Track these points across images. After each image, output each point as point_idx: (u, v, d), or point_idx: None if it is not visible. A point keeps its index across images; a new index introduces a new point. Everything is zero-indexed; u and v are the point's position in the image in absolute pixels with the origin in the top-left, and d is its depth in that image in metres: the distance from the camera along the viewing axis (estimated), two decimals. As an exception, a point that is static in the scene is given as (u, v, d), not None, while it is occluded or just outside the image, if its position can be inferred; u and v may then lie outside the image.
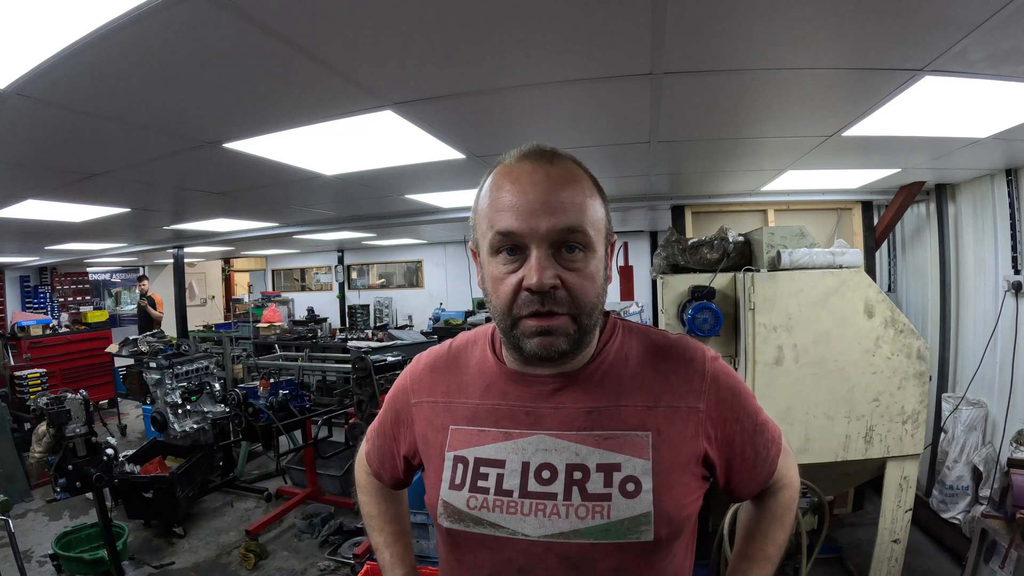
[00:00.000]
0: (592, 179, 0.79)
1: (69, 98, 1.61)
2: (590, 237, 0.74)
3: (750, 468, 0.87)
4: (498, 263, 0.75)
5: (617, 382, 0.80)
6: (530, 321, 0.74)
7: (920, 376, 2.49)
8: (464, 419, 0.84)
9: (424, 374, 0.93)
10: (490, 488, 0.79)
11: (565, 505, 0.75)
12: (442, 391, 0.89)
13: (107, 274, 10.69)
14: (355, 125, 2.00)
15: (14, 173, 2.50)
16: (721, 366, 0.85)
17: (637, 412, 0.78)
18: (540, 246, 0.71)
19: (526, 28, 1.32)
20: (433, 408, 0.89)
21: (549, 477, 0.77)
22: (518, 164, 0.75)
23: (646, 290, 7.18)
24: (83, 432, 3.41)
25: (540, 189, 0.72)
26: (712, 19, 1.30)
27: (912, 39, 1.39)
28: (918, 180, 3.37)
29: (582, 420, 0.78)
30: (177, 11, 1.14)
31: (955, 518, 3.18)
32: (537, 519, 0.76)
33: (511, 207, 0.72)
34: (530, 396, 0.81)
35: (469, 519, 0.79)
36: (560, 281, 0.72)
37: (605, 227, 0.79)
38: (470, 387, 0.86)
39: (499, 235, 0.73)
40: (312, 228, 5.25)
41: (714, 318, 2.64)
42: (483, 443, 0.81)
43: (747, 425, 0.85)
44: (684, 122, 2.19)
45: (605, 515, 0.74)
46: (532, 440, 0.79)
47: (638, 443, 0.77)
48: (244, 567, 3.31)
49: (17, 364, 6.08)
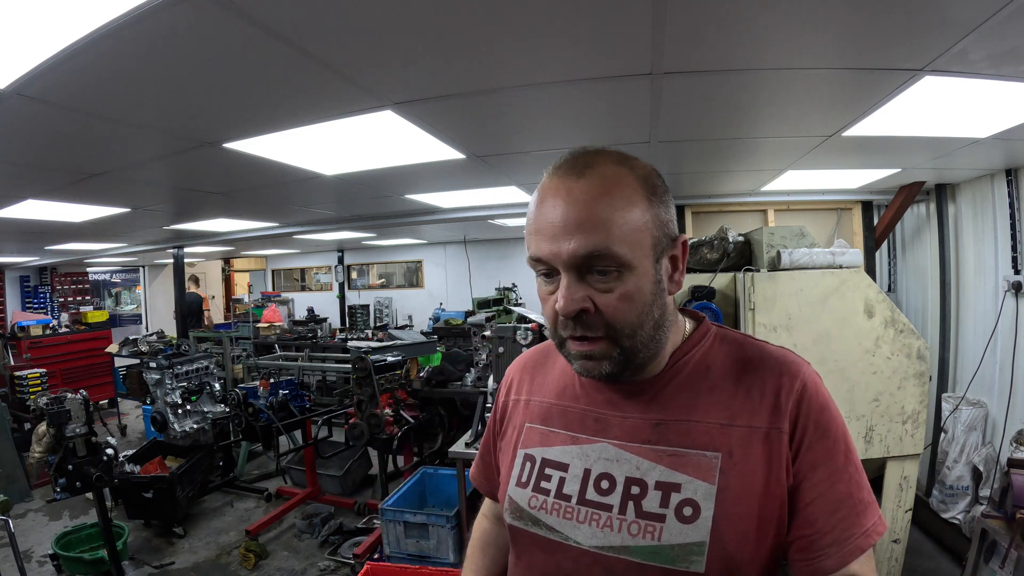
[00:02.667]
0: (641, 179, 0.71)
1: (69, 98, 1.61)
2: (622, 256, 0.67)
3: (826, 512, 0.69)
4: (541, 283, 0.74)
5: (692, 395, 0.75)
6: (573, 344, 0.72)
7: (920, 376, 2.49)
8: (539, 418, 0.84)
9: (516, 372, 0.94)
10: (551, 490, 0.77)
11: (619, 519, 0.72)
12: (527, 389, 0.89)
13: (107, 274, 10.69)
14: (355, 125, 2.00)
15: (14, 173, 2.50)
16: (816, 384, 0.75)
17: (709, 430, 0.72)
18: (567, 271, 0.69)
19: (526, 28, 1.33)
20: (517, 405, 0.89)
21: (607, 488, 0.74)
22: (549, 180, 0.72)
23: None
24: (83, 432, 3.40)
25: (562, 210, 0.68)
26: (712, 19, 1.30)
27: (912, 39, 1.39)
28: (918, 180, 3.37)
29: (648, 432, 0.74)
30: (177, 11, 1.14)
31: (955, 518, 3.18)
32: (591, 528, 0.73)
33: (537, 231, 0.70)
34: (601, 402, 0.79)
35: (528, 518, 0.78)
36: (593, 304, 0.69)
37: (652, 236, 0.70)
38: (550, 387, 0.86)
39: (532, 260, 0.72)
40: (312, 228, 5.25)
41: (714, 318, 2.64)
42: (551, 444, 0.80)
43: (831, 451, 0.71)
44: (684, 122, 2.19)
45: (656, 536, 0.70)
46: (596, 448, 0.77)
47: (704, 464, 0.71)
48: (244, 567, 3.31)
49: (17, 364, 6.08)
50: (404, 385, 3.99)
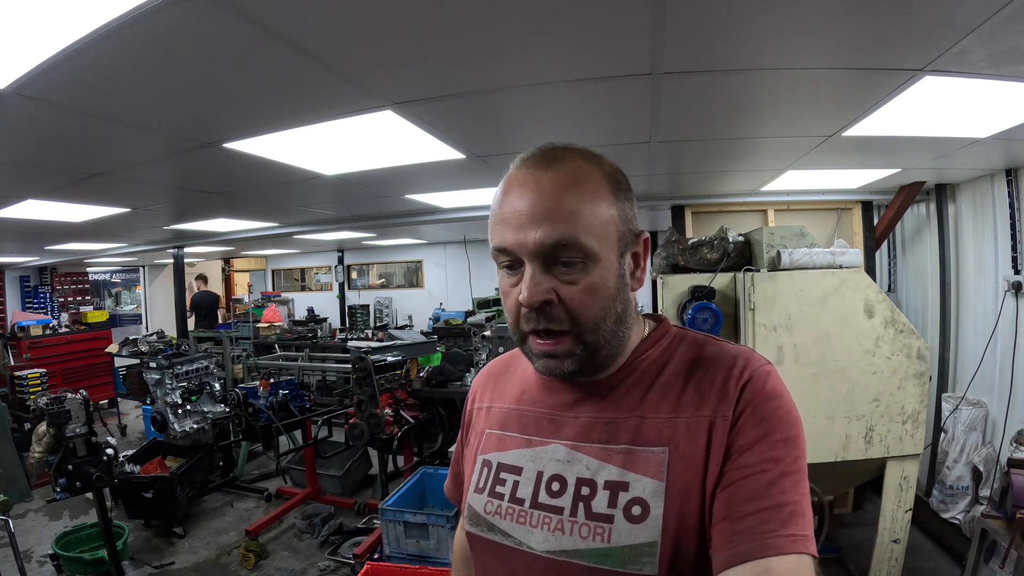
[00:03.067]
0: (607, 175, 0.71)
1: (69, 98, 1.61)
2: (588, 248, 0.67)
3: (746, 497, 0.63)
4: (503, 276, 0.72)
5: (644, 392, 0.73)
6: (535, 340, 0.71)
7: (920, 376, 2.49)
8: (497, 423, 0.83)
9: (481, 381, 0.93)
10: (506, 494, 0.76)
11: (571, 521, 0.70)
12: (489, 396, 0.89)
13: (107, 274, 10.69)
14: (355, 125, 2.00)
15: (14, 173, 2.50)
16: (767, 374, 0.71)
17: (657, 425, 0.70)
18: (531, 261, 0.67)
19: (526, 28, 1.33)
20: (479, 413, 0.89)
21: (558, 489, 0.72)
22: (516, 172, 0.72)
23: (646, 290, 7.15)
24: (83, 432, 3.40)
25: (528, 200, 0.67)
26: (712, 19, 1.30)
27: (912, 39, 1.39)
28: (918, 180, 3.37)
29: (599, 431, 0.73)
30: (177, 11, 1.14)
31: (955, 518, 3.18)
32: (543, 532, 0.71)
33: (502, 221, 0.69)
34: (556, 404, 0.78)
35: (484, 524, 0.77)
36: (557, 296, 0.68)
37: (617, 230, 0.70)
38: (510, 392, 0.85)
39: (496, 251, 0.71)
40: (312, 228, 5.25)
41: (714, 318, 2.64)
42: (507, 448, 0.79)
43: (769, 441, 0.66)
44: (684, 122, 2.19)
45: (606, 538, 0.67)
46: (548, 449, 0.75)
47: (653, 460, 0.69)
48: (244, 567, 3.31)
49: (17, 364, 6.08)
50: (404, 385, 3.99)
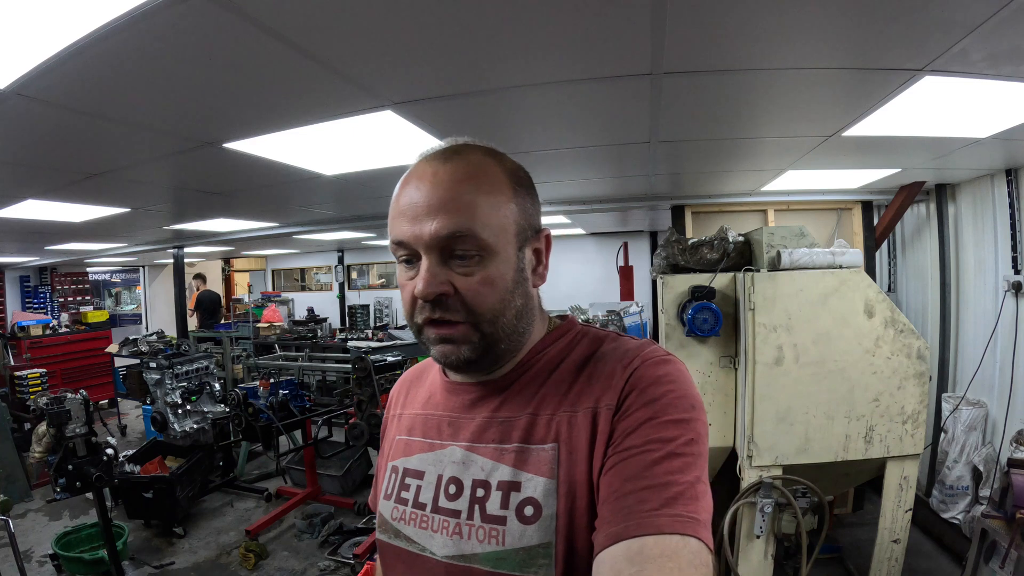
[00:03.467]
0: (509, 171, 0.71)
1: (69, 98, 1.61)
2: (483, 240, 0.66)
3: (627, 476, 0.60)
4: (401, 270, 0.71)
5: (537, 389, 0.72)
6: (430, 329, 0.69)
7: (920, 376, 2.49)
8: (405, 429, 0.82)
9: (397, 388, 0.92)
10: (410, 500, 0.75)
11: (468, 525, 0.68)
12: (402, 403, 0.88)
13: (107, 274, 10.69)
14: (355, 125, 2.00)
15: (14, 173, 2.50)
16: (662, 361, 0.68)
17: (548, 421, 0.69)
18: (428, 253, 0.66)
19: (526, 28, 1.33)
20: (393, 421, 0.88)
21: (455, 492, 0.71)
22: (415, 166, 0.72)
23: (646, 290, 7.17)
24: (83, 432, 3.40)
25: (426, 192, 0.67)
26: (712, 19, 1.30)
27: (912, 39, 1.39)
28: (918, 180, 3.37)
29: (493, 431, 0.71)
30: (177, 11, 1.14)
31: (955, 518, 3.18)
32: (443, 537, 0.70)
33: (400, 214, 0.69)
34: (455, 406, 0.77)
35: (391, 530, 0.76)
36: (453, 288, 0.66)
37: (516, 223, 0.70)
38: (419, 398, 0.84)
39: (393, 244, 0.70)
40: (312, 228, 5.25)
41: (714, 318, 2.64)
42: (412, 453, 0.78)
43: (657, 422, 0.62)
44: (684, 122, 2.19)
45: (500, 541, 0.66)
46: (447, 452, 0.74)
47: (543, 458, 0.67)
48: (244, 567, 3.31)
49: (17, 364, 6.08)
50: (404, 385, 3.98)
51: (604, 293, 7.07)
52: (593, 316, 4.94)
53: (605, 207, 4.35)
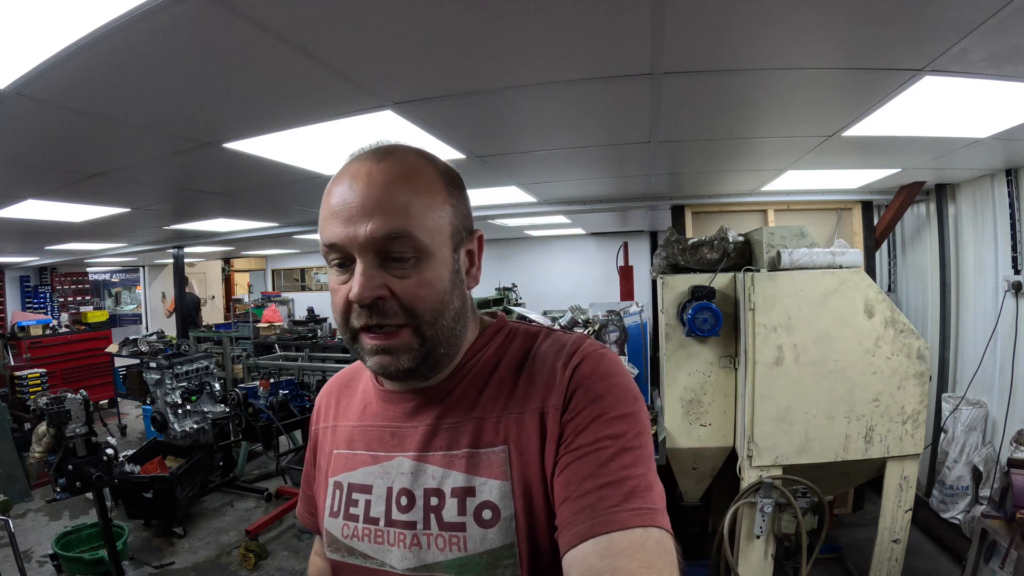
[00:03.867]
0: (441, 172, 0.70)
1: (69, 98, 1.61)
2: (419, 242, 0.64)
3: (583, 475, 0.61)
4: (334, 275, 0.68)
5: (478, 391, 0.71)
6: (367, 337, 0.67)
7: (920, 376, 2.49)
8: (344, 442, 0.80)
9: (323, 399, 0.89)
10: (360, 515, 0.73)
11: (425, 535, 0.67)
12: (334, 414, 0.84)
13: (107, 274, 10.69)
14: (355, 125, 2.00)
15: (14, 173, 2.50)
16: (600, 356, 0.69)
17: (494, 424, 0.68)
18: (363, 255, 0.64)
19: (526, 28, 1.32)
20: (326, 433, 0.84)
21: (407, 504, 0.70)
22: (347, 165, 0.70)
23: (646, 290, 7.17)
24: (83, 432, 3.41)
25: (359, 192, 0.65)
26: (712, 19, 1.30)
27: (912, 39, 1.39)
28: (918, 180, 3.37)
29: (439, 438, 0.70)
30: (177, 11, 1.14)
31: (955, 518, 3.18)
32: (400, 550, 0.69)
33: (332, 215, 0.67)
34: (394, 415, 0.75)
35: (344, 548, 0.74)
36: (390, 291, 0.64)
37: (451, 224, 0.69)
38: (353, 409, 0.82)
39: (325, 247, 0.68)
40: (312, 228, 5.25)
41: (714, 318, 2.64)
42: (355, 467, 0.76)
43: (604, 418, 0.64)
44: (684, 122, 2.19)
45: (462, 547, 0.65)
46: (394, 463, 0.72)
47: (495, 461, 0.67)
48: (244, 567, 3.31)
49: (17, 364, 6.08)
50: (404, 385, 3.98)
51: (604, 293, 7.07)
52: (593, 316, 4.94)
53: (605, 207, 4.35)
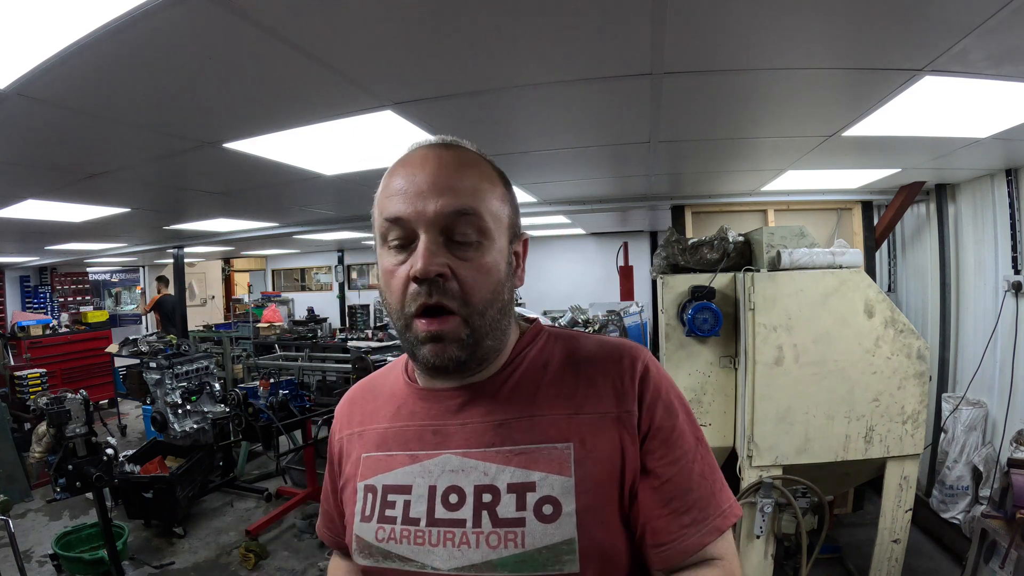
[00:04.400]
0: (497, 172, 0.73)
1: (69, 98, 1.61)
2: (486, 223, 0.66)
3: (681, 491, 0.69)
4: (389, 255, 0.68)
5: (532, 390, 0.72)
6: (421, 323, 0.67)
7: (920, 376, 2.49)
8: (374, 445, 0.78)
9: (344, 408, 0.88)
10: (397, 517, 0.71)
11: (475, 533, 0.66)
12: (358, 420, 0.83)
13: (107, 274, 10.69)
14: (355, 125, 2.00)
15: (14, 173, 2.50)
16: (653, 362, 0.74)
17: (555, 422, 0.69)
18: (429, 231, 0.64)
19: (526, 28, 1.33)
20: (352, 440, 0.83)
21: (456, 501, 0.68)
22: (412, 152, 0.71)
23: (646, 290, 7.18)
24: (83, 432, 3.41)
25: (430, 171, 0.66)
26: (712, 19, 1.30)
27: (912, 39, 1.39)
28: (918, 180, 3.37)
29: (491, 435, 0.70)
30: (177, 11, 1.14)
31: (955, 518, 3.18)
32: (446, 550, 0.67)
33: (399, 191, 0.66)
34: (437, 413, 0.74)
35: (379, 553, 0.71)
36: (451, 271, 0.65)
37: (508, 218, 0.71)
38: (381, 412, 0.80)
39: (386, 222, 0.67)
40: (312, 228, 5.25)
41: (714, 318, 2.64)
42: (390, 468, 0.74)
43: (682, 432, 0.71)
44: (684, 122, 2.19)
45: (520, 543, 0.65)
46: (438, 461, 0.71)
47: (557, 457, 0.67)
48: (244, 567, 3.31)
49: (17, 364, 6.07)
50: (404, 385, 3.98)
51: (604, 293, 7.08)
52: (593, 316, 4.94)
53: (605, 207, 4.35)
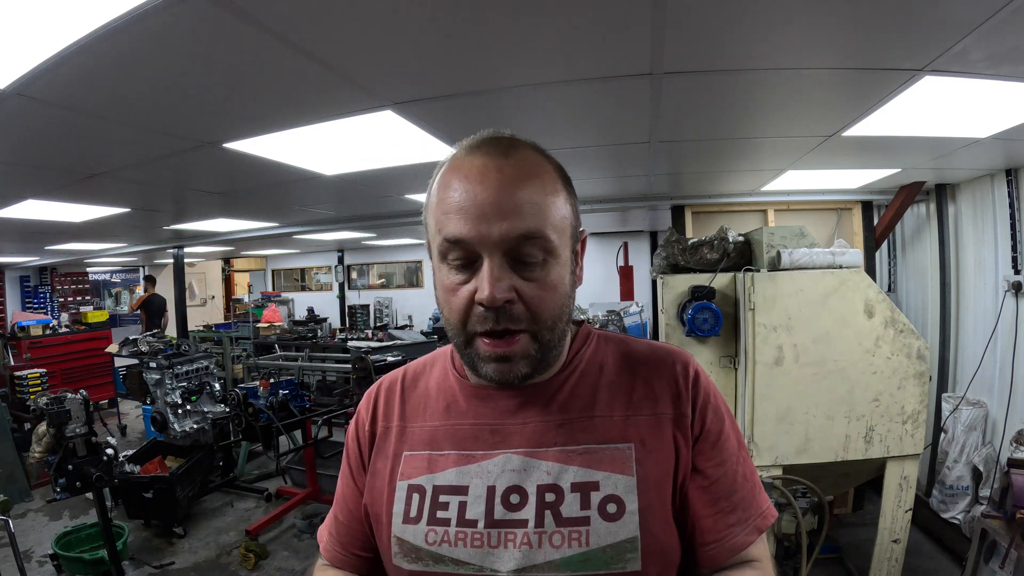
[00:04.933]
0: (557, 169, 0.70)
1: (69, 98, 1.61)
2: (551, 242, 0.65)
3: (727, 492, 0.72)
4: (449, 272, 0.66)
5: (591, 391, 0.72)
6: (486, 342, 0.65)
7: (920, 376, 2.49)
8: (421, 443, 0.74)
9: (381, 397, 0.82)
10: (451, 519, 0.68)
11: (537, 533, 0.65)
12: (398, 414, 0.78)
13: (107, 274, 10.69)
14: (355, 125, 2.00)
15: (14, 173, 2.50)
16: (699, 367, 0.77)
17: (616, 423, 0.70)
18: (493, 254, 0.62)
19: (526, 28, 1.32)
20: (387, 434, 0.78)
21: (518, 502, 0.67)
22: (468, 158, 0.67)
23: (646, 290, 7.18)
24: (83, 432, 3.41)
25: (492, 189, 0.63)
26: (712, 19, 1.30)
27: (912, 39, 1.39)
28: (918, 180, 3.37)
29: (552, 435, 0.69)
30: (177, 11, 1.14)
31: (955, 518, 3.18)
32: (507, 551, 0.65)
33: (459, 209, 0.63)
34: (495, 413, 0.72)
35: (429, 557, 0.68)
36: (517, 294, 0.64)
37: (571, 225, 0.69)
38: (430, 409, 0.77)
39: (447, 242, 0.65)
40: (312, 228, 5.25)
41: (714, 318, 2.64)
42: (443, 468, 0.71)
43: (728, 434, 0.74)
44: (684, 122, 2.19)
45: (584, 542, 0.64)
46: (498, 461, 0.69)
47: (620, 457, 0.68)
48: (244, 567, 3.31)
49: (17, 364, 6.07)
50: (404, 385, 3.98)
51: (604, 293, 7.07)
52: (593, 316, 4.94)
53: (605, 207, 4.35)
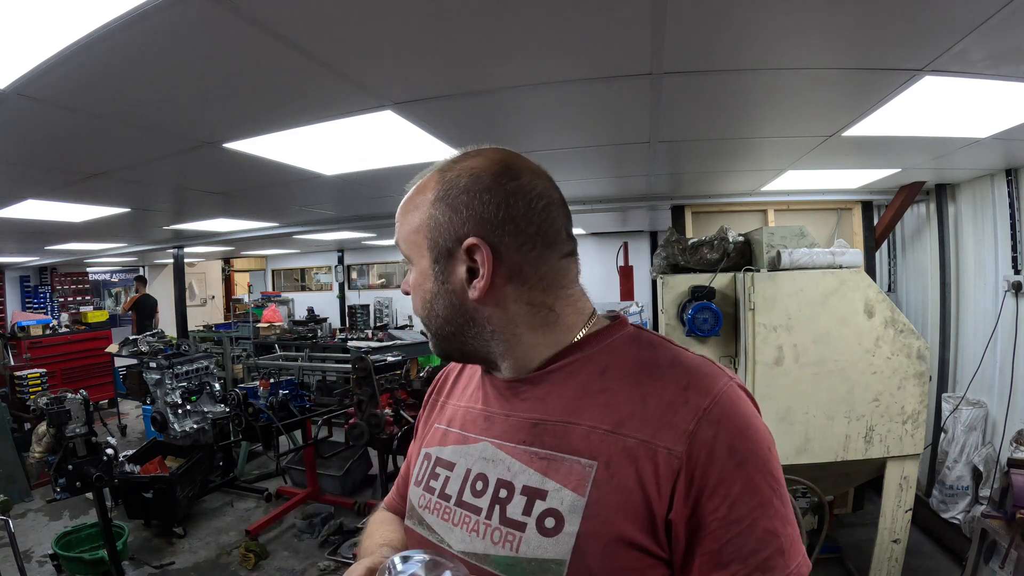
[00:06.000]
0: (440, 182, 0.71)
1: (69, 98, 1.61)
2: (404, 252, 0.77)
3: (745, 553, 0.59)
4: None
5: (578, 395, 0.68)
6: None
7: (920, 376, 2.49)
8: (444, 419, 0.83)
9: (443, 374, 0.93)
10: (437, 489, 0.75)
11: (485, 524, 0.68)
12: (447, 391, 0.88)
13: (107, 274, 10.69)
14: (355, 125, 2.00)
15: (14, 173, 2.50)
16: (735, 397, 0.64)
17: (589, 434, 0.65)
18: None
19: (526, 28, 1.33)
20: (432, 406, 0.89)
21: (481, 489, 0.70)
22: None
23: (646, 290, 7.18)
24: (83, 432, 3.41)
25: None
26: (712, 19, 1.30)
27: (912, 39, 1.39)
28: (918, 180, 3.37)
29: (526, 432, 0.69)
30: (177, 11, 1.14)
31: (955, 518, 3.18)
32: (461, 531, 0.70)
33: None
34: (491, 400, 0.77)
35: (416, 517, 0.77)
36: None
37: (427, 237, 0.71)
38: (467, 391, 0.84)
39: None
40: (312, 228, 5.25)
41: (714, 318, 2.64)
42: (447, 443, 0.79)
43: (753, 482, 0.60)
44: (684, 122, 2.19)
45: (515, 547, 0.64)
46: (478, 447, 0.74)
47: (577, 472, 0.63)
48: (244, 567, 3.31)
49: (17, 364, 6.07)
50: (404, 385, 3.99)
51: (604, 293, 7.07)
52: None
53: (605, 207, 4.35)
